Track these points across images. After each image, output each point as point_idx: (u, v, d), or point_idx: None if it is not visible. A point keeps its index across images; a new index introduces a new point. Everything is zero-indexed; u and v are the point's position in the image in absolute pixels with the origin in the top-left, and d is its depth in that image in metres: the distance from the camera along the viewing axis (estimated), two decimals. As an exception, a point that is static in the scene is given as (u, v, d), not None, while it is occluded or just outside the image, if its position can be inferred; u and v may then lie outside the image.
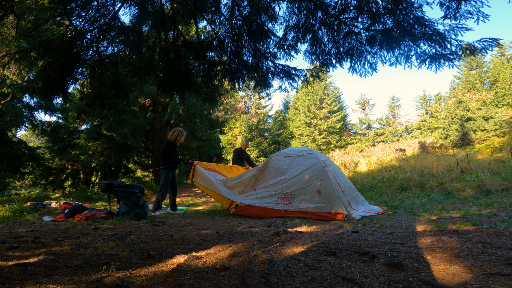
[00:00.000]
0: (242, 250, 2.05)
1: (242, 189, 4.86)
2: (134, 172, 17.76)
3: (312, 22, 3.73)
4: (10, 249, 2.12)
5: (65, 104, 13.33)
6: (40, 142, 27.06)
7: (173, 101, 13.12)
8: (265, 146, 20.12)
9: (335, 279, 1.49)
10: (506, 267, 1.56)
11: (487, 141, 17.05)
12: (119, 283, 1.39)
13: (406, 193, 6.91)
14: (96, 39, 3.77)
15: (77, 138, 14.99)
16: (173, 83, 4.22)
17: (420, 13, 3.12)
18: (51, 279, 1.46)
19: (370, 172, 10.73)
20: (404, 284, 1.39)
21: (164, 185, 5.30)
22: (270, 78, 4.32)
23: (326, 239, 2.44)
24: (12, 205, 4.69)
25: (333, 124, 25.06)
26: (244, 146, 7.04)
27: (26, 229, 3.10)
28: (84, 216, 3.97)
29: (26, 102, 13.50)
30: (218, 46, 4.23)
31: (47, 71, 3.50)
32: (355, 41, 3.67)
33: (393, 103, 29.95)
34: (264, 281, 1.46)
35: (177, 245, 2.36)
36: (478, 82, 20.80)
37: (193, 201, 9.41)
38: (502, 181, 5.89)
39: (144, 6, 3.76)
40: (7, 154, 12.53)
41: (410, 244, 2.18)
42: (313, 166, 4.39)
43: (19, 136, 18.92)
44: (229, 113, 23.88)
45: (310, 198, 4.17)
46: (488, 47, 2.89)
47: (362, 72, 3.87)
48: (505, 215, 3.42)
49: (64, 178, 16.26)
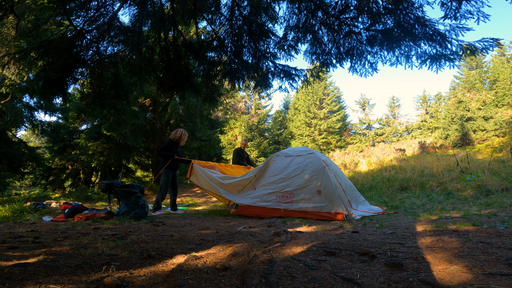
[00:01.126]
0: (242, 250, 2.04)
1: (242, 188, 4.86)
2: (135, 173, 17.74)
3: (312, 22, 3.73)
4: (10, 249, 2.12)
5: (65, 104, 13.32)
6: (40, 142, 27.04)
7: (173, 101, 13.11)
8: (265, 146, 20.11)
9: (335, 279, 1.49)
10: (506, 267, 1.56)
11: (487, 141, 17.04)
12: (119, 283, 1.39)
13: (406, 193, 6.90)
14: (96, 39, 3.77)
15: (77, 138, 14.98)
16: (173, 83, 4.21)
17: (421, 13, 3.12)
18: (51, 279, 1.46)
19: (370, 172, 10.73)
20: (404, 284, 1.39)
21: (164, 185, 5.30)
22: (270, 78, 4.31)
23: (326, 239, 2.43)
24: (12, 205, 4.69)
25: (333, 124, 25.06)
26: (243, 145, 7.04)
27: (26, 229, 3.10)
28: (84, 216, 3.97)
29: (26, 102, 13.51)
30: (218, 46, 4.23)
31: (47, 71, 3.50)
32: (355, 41, 3.67)
33: (393, 103, 29.95)
34: (264, 281, 1.45)
35: (177, 245, 2.36)
36: (478, 82, 20.80)
37: (193, 201, 9.41)
38: (502, 181, 5.89)
39: (144, 6, 3.76)
40: (7, 154, 12.53)
41: (410, 244, 2.18)
42: (313, 165, 4.39)
43: (19, 136, 18.93)
44: (229, 113, 23.88)
45: (310, 198, 4.17)
46: (489, 47, 2.89)
47: (362, 72, 3.87)
48: (505, 215, 3.42)
49: (64, 178, 16.25)
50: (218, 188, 4.93)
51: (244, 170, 5.77)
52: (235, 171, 5.65)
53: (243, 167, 5.96)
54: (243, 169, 5.82)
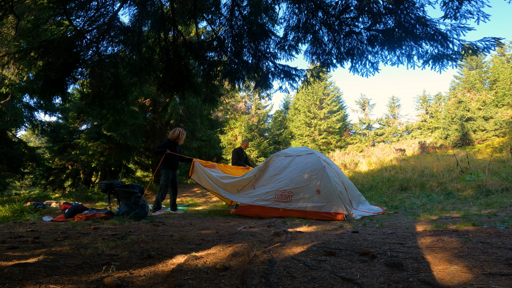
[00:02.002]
0: (242, 250, 2.04)
1: (241, 188, 4.87)
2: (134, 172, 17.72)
3: (313, 22, 3.73)
4: (10, 249, 2.12)
5: (65, 104, 13.35)
6: (40, 142, 27.05)
7: (173, 101, 13.12)
8: (265, 146, 20.12)
9: (335, 279, 1.49)
10: (506, 267, 1.56)
11: (487, 141, 17.04)
12: (119, 283, 1.39)
13: (406, 193, 6.90)
14: (96, 39, 3.77)
15: (77, 138, 14.98)
16: (173, 84, 4.21)
17: (422, 13, 3.12)
18: (51, 279, 1.46)
19: (370, 172, 10.73)
20: (404, 284, 1.39)
21: (164, 185, 5.30)
22: (270, 78, 4.31)
23: (326, 239, 2.43)
24: (12, 205, 4.69)
25: (333, 124, 25.06)
26: (244, 146, 7.03)
27: (26, 229, 3.10)
28: (84, 216, 3.97)
29: (26, 102, 13.51)
30: (218, 46, 4.23)
31: (46, 71, 3.50)
32: (356, 41, 3.66)
33: (393, 103, 29.95)
34: (264, 281, 1.45)
35: (177, 245, 2.36)
36: (478, 82, 20.80)
37: (193, 201, 9.41)
38: (502, 181, 5.89)
39: (144, 6, 3.76)
40: (7, 154, 12.53)
41: (410, 244, 2.18)
42: (313, 165, 4.39)
43: (19, 136, 18.93)
44: (229, 113, 23.88)
45: (309, 197, 4.17)
46: (490, 46, 2.88)
47: (363, 72, 3.87)
48: (505, 215, 3.42)
49: (64, 178, 16.25)
50: (218, 188, 4.95)
51: (244, 170, 5.78)
52: (235, 171, 5.65)
53: (242, 168, 5.96)
54: (243, 170, 5.83)
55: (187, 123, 14.43)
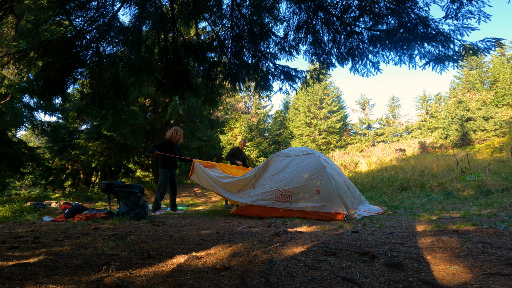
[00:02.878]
0: (242, 250, 2.04)
1: (241, 188, 4.88)
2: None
3: (314, 22, 3.72)
4: (10, 249, 2.12)
5: (65, 104, 13.32)
6: (40, 142, 27.04)
7: (173, 101, 13.11)
8: (265, 146, 20.11)
9: (335, 279, 1.48)
10: (506, 267, 1.56)
11: (487, 141, 17.04)
12: (119, 283, 1.39)
13: (406, 193, 6.90)
14: (96, 39, 3.76)
15: (77, 138, 14.97)
16: (172, 84, 4.21)
17: (424, 13, 3.11)
18: (51, 279, 1.46)
19: (370, 172, 10.73)
20: (404, 284, 1.39)
21: (162, 185, 5.29)
22: (270, 79, 4.30)
23: (326, 239, 2.43)
24: (12, 205, 4.69)
25: (333, 124, 25.06)
26: (242, 145, 7.04)
27: (26, 229, 3.09)
28: (84, 216, 3.97)
29: (25, 102, 13.51)
30: (219, 46, 4.22)
31: (46, 71, 3.49)
32: (357, 41, 3.66)
33: (393, 103, 29.95)
34: (264, 281, 1.45)
35: (177, 245, 2.36)
36: (478, 82, 20.80)
37: (193, 201, 9.41)
38: (502, 181, 5.89)
39: (144, 6, 3.76)
40: (7, 154, 12.53)
41: (410, 244, 2.18)
42: (313, 165, 4.39)
43: (19, 136, 18.93)
44: (229, 113, 23.88)
45: (309, 197, 4.17)
46: (491, 47, 2.87)
47: (364, 72, 3.85)
48: (505, 215, 3.42)
49: (64, 178, 16.25)
50: (218, 188, 4.95)
51: (244, 170, 5.79)
52: (236, 171, 5.66)
53: (242, 168, 5.97)
54: (244, 169, 5.84)
55: (187, 123, 14.43)
